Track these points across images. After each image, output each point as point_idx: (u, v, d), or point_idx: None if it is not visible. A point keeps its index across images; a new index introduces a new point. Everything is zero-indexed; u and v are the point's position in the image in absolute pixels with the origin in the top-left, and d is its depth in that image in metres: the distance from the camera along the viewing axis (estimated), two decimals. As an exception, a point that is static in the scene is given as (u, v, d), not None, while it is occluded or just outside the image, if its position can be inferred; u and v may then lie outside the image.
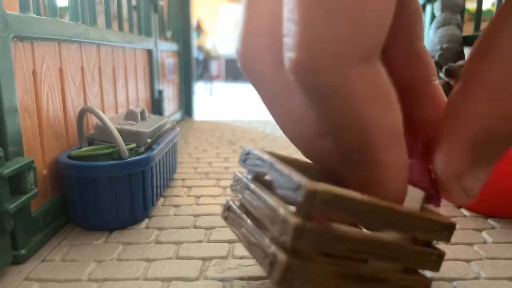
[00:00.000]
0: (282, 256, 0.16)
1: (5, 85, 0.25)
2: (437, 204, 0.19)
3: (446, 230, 0.19)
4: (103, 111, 0.44)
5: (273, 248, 0.17)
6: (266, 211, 0.18)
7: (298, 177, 0.16)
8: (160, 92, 0.69)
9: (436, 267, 0.20)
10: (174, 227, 0.32)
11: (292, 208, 0.16)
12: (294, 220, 0.15)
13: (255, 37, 0.17)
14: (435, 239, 0.20)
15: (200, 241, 0.30)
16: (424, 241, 0.20)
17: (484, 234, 0.31)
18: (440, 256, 0.20)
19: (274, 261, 0.16)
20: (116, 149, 0.31)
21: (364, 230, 0.21)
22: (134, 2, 0.61)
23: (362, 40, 0.12)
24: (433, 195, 0.19)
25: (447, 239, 0.20)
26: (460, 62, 0.36)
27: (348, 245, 0.17)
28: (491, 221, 0.33)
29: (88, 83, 0.40)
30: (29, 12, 0.29)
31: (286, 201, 0.17)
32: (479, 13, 0.47)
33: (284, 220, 0.16)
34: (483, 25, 0.48)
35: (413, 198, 0.19)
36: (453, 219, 0.33)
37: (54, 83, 0.33)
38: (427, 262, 0.20)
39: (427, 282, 0.21)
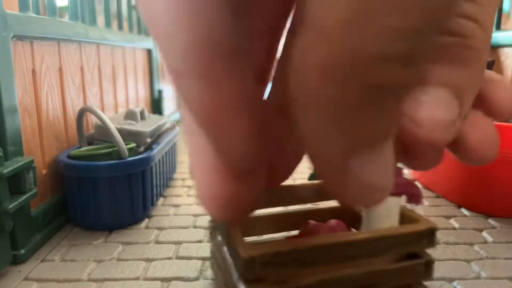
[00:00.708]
0: None
1: (5, 84, 0.25)
2: (418, 203, 0.19)
3: (426, 237, 0.18)
4: (103, 111, 0.44)
5: None
6: (225, 275, 0.19)
7: (238, 244, 0.16)
8: (160, 91, 0.69)
9: (425, 276, 0.19)
10: (174, 227, 0.32)
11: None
12: None
13: None
14: (413, 250, 0.19)
15: (200, 241, 0.30)
16: (407, 254, 0.19)
17: (484, 233, 0.31)
18: (428, 264, 0.19)
19: None
20: (116, 149, 0.31)
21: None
22: (133, 1, 0.61)
23: None
24: (410, 195, 0.19)
25: (429, 245, 0.19)
26: None
27: None
28: (491, 221, 0.33)
29: (88, 83, 0.40)
30: (28, 11, 0.29)
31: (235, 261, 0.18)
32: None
33: None
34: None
35: (390, 208, 0.18)
36: (453, 219, 0.33)
37: (53, 83, 0.33)
38: (414, 273, 0.19)
39: None
